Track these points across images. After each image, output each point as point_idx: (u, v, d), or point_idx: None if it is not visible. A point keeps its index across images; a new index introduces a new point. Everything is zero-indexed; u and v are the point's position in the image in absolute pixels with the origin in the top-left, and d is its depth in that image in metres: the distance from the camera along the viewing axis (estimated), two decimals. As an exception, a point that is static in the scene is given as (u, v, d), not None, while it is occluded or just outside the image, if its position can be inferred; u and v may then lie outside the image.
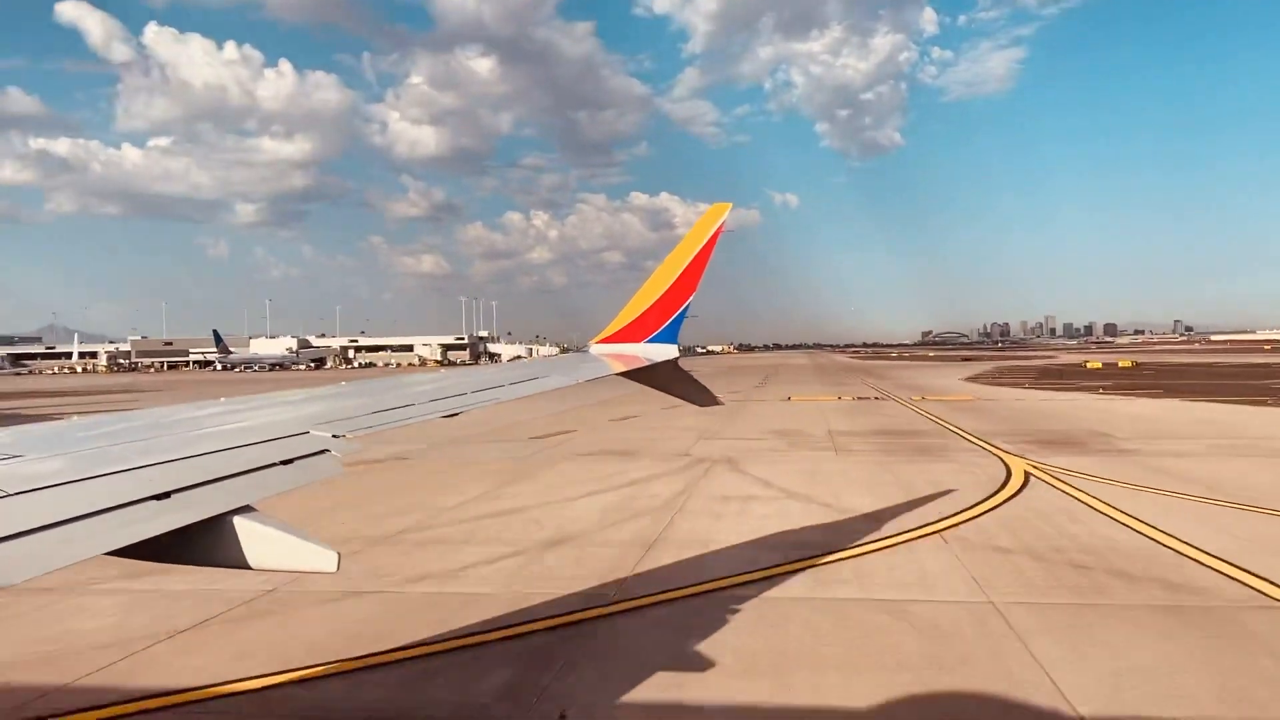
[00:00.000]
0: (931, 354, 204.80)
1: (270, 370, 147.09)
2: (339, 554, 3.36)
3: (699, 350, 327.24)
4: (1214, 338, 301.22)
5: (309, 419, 5.12)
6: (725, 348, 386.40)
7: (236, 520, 3.26)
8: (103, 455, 4.00)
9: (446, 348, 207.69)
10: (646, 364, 7.71)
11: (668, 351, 7.94)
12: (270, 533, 3.28)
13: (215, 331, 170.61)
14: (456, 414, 6.31)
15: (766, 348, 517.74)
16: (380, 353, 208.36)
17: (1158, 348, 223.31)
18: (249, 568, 3.25)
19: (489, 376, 7.11)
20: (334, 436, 4.71)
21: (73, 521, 2.93)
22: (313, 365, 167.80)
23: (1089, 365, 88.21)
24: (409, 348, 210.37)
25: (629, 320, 8.05)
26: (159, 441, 4.55)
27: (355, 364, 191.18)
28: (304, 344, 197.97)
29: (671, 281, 7.99)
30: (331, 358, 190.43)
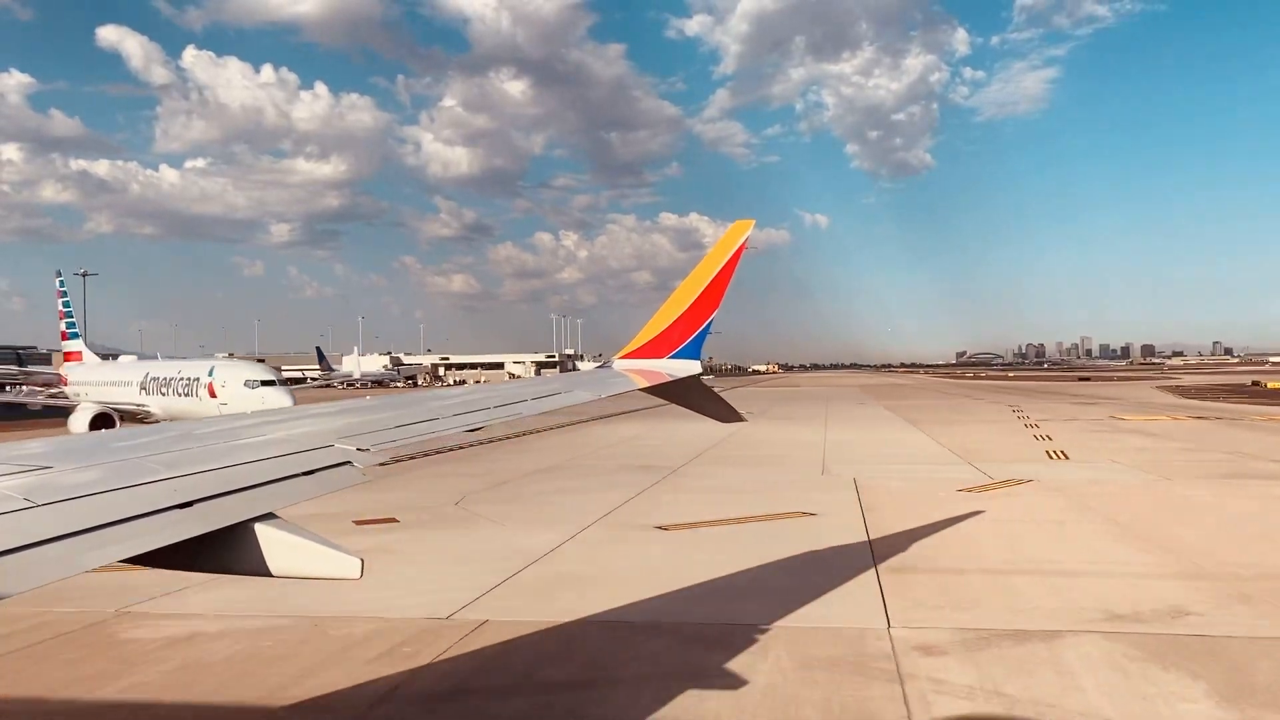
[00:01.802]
0: (1011, 375, 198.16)
1: (370, 387, 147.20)
2: (362, 560, 3.39)
3: (751, 370, 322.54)
4: (1274, 359, 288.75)
5: (334, 432, 5.19)
6: (770, 367, 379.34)
7: (258, 528, 3.32)
8: (129, 466, 4.08)
9: (540, 365, 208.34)
10: (670, 379, 7.72)
11: (691, 367, 7.93)
12: (292, 539, 3.33)
13: (319, 349, 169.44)
14: (479, 428, 6.37)
15: (804, 367, 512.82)
16: (471, 370, 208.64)
17: (1229, 369, 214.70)
18: (270, 574, 3.30)
19: (512, 391, 7.16)
20: (359, 450, 4.78)
21: (92, 531, 2.99)
22: (408, 382, 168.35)
23: (1270, 385, 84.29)
24: (499, 365, 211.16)
25: (652, 336, 8.07)
26: (187, 453, 4.63)
27: (449, 381, 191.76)
28: (396, 361, 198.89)
29: (695, 298, 7.99)
30: (421, 375, 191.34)
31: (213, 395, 39.62)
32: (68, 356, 59.94)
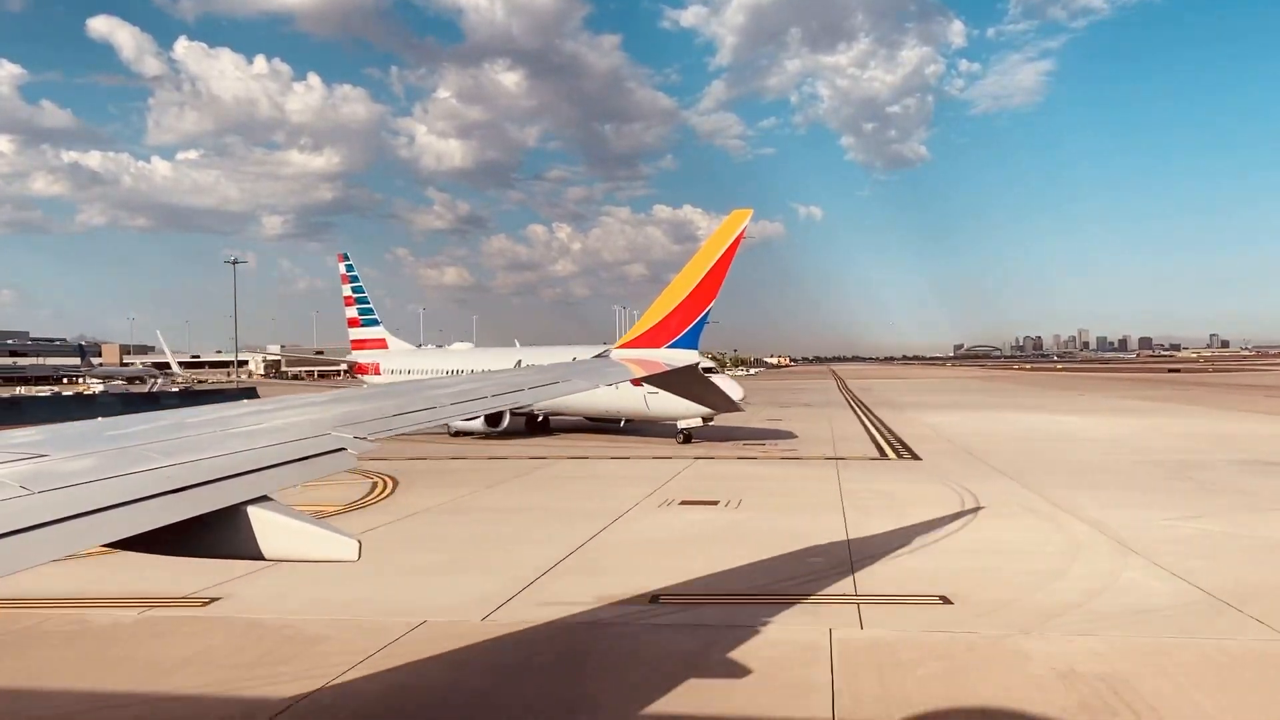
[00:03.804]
0: (1060, 366, 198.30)
1: None
2: (360, 542, 3.38)
3: (769, 360, 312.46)
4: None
5: (331, 421, 5.18)
6: (781, 359, 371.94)
7: (251, 511, 3.30)
8: (123, 455, 4.06)
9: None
10: (667, 369, 7.72)
11: (688, 357, 7.93)
12: (286, 522, 3.30)
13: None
14: (477, 417, 6.37)
15: (807, 360, 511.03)
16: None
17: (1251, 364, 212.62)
18: (263, 558, 3.28)
19: (510, 380, 7.14)
20: (355, 438, 4.76)
21: (83, 516, 2.98)
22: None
23: None
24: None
25: (650, 325, 8.06)
26: (181, 441, 4.61)
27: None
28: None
29: (692, 288, 7.98)
30: None
31: (636, 385, 35.59)
32: (357, 344, 55.50)
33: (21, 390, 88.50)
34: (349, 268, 56.79)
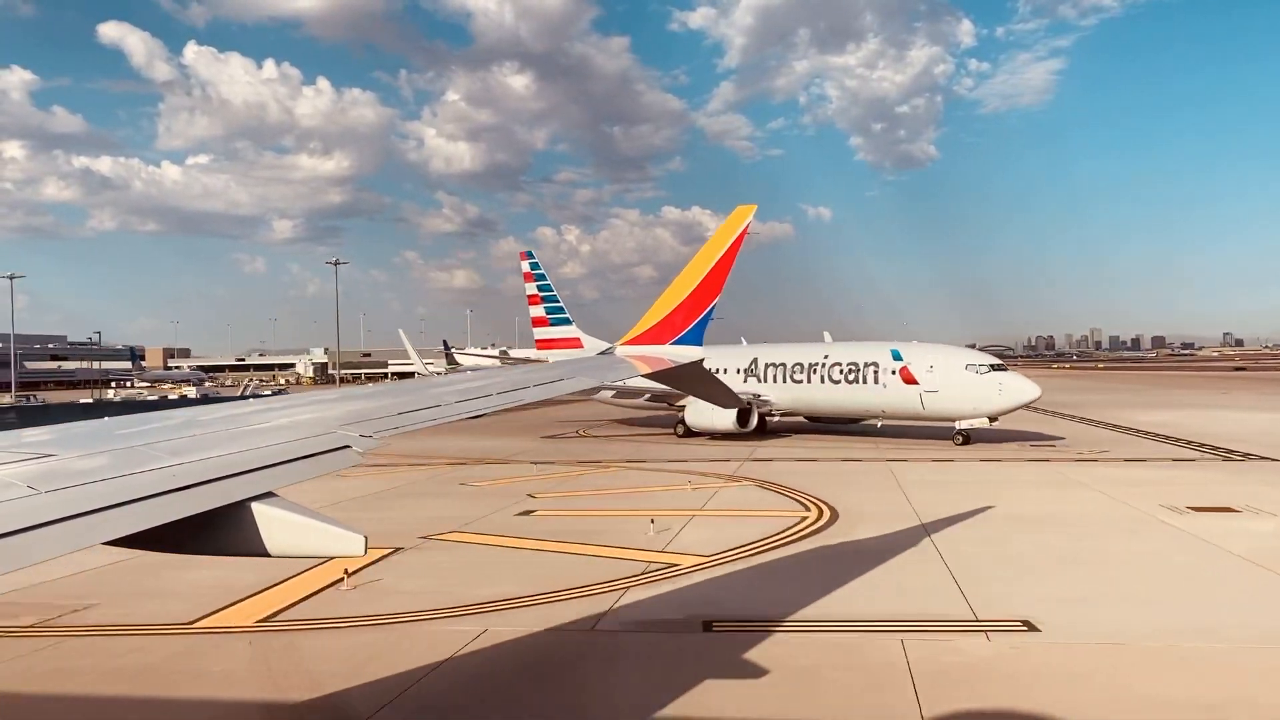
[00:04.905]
0: (1101, 365, 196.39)
1: None
2: (365, 536, 3.40)
3: None
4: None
5: (337, 419, 5.21)
6: None
7: (255, 507, 3.31)
8: (130, 454, 4.10)
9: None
10: (672, 365, 7.72)
11: (693, 353, 7.92)
12: (291, 518, 3.31)
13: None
14: (482, 414, 6.38)
15: None
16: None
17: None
18: (268, 554, 3.30)
19: (515, 378, 7.15)
20: (361, 436, 4.79)
21: (86, 515, 3.01)
22: None
23: None
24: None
25: (655, 322, 8.06)
26: (188, 440, 4.65)
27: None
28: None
29: (697, 283, 7.98)
30: None
31: (909, 382, 33.87)
32: (544, 344, 53.44)
33: (114, 395, 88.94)
34: (533, 265, 54.20)
